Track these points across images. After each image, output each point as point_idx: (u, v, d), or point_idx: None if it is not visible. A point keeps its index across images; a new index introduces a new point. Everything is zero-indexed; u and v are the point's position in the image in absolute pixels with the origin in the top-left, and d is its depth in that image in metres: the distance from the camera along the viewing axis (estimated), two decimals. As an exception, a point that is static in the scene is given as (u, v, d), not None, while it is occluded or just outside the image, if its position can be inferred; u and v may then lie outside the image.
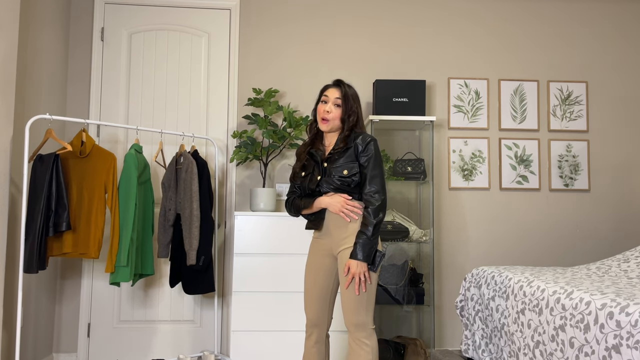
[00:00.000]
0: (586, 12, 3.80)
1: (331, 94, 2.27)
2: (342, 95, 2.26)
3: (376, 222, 2.13)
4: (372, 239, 2.12)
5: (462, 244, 3.60)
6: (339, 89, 2.28)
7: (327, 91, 2.30)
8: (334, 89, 2.29)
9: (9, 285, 2.61)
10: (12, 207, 2.61)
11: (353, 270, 2.10)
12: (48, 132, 2.71)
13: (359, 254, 2.10)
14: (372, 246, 2.13)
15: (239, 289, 3.00)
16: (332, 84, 2.32)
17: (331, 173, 2.21)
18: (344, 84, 2.29)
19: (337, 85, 2.30)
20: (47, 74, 3.14)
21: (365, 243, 2.11)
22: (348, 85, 2.30)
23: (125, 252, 2.74)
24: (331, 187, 2.21)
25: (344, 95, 2.26)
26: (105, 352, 3.36)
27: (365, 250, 2.11)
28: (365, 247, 2.11)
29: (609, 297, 1.74)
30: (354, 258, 2.10)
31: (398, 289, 3.25)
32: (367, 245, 2.11)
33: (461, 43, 3.72)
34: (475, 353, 2.67)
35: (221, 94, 3.57)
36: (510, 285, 2.34)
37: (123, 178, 2.83)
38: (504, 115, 3.68)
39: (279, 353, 2.98)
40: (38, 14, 2.98)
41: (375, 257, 2.14)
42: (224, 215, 3.51)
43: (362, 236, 2.12)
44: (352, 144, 2.22)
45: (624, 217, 3.69)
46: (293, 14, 3.65)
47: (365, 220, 2.15)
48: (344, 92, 2.26)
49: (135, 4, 3.55)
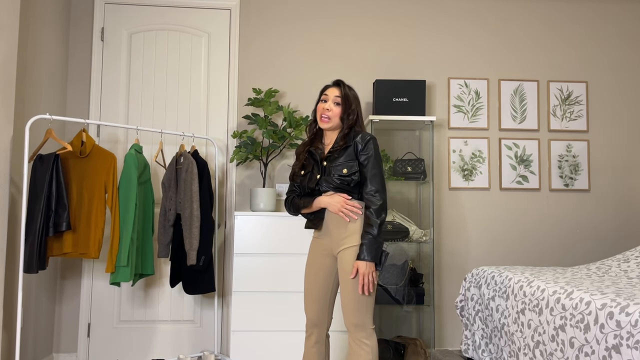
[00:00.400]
0: (586, 12, 3.80)
1: (331, 93, 2.28)
2: (341, 94, 2.27)
3: (380, 221, 2.14)
4: (378, 239, 2.13)
5: (462, 244, 3.60)
6: (338, 88, 2.29)
7: (327, 90, 2.31)
8: (334, 88, 2.30)
9: (9, 285, 2.61)
10: (12, 207, 2.61)
11: (362, 271, 2.10)
12: (48, 132, 2.70)
13: (366, 255, 2.10)
14: (378, 246, 2.13)
15: (239, 289, 3.00)
16: (332, 84, 2.33)
17: (330, 172, 2.21)
18: (344, 84, 2.31)
19: (337, 84, 2.31)
20: (47, 74, 3.14)
21: (371, 243, 2.11)
22: (349, 87, 2.31)
23: (126, 252, 2.74)
24: (331, 186, 2.21)
25: (344, 94, 2.27)
26: (105, 352, 3.36)
27: (372, 250, 2.11)
28: (371, 247, 2.11)
29: (609, 297, 1.74)
30: (362, 259, 2.10)
31: (398, 289, 3.25)
32: (374, 245, 2.12)
33: (461, 43, 3.72)
34: (475, 353, 2.67)
35: (221, 94, 3.57)
36: (510, 285, 2.34)
37: (123, 178, 2.83)
38: (504, 115, 3.68)
39: (279, 353, 2.98)
40: (38, 14, 2.98)
41: (382, 257, 2.15)
42: (224, 215, 3.51)
43: (368, 236, 2.12)
44: (352, 142, 2.22)
45: (624, 217, 3.69)
46: (293, 14, 3.65)
47: (369, 220, 2.15)
48: (344, 91, 2.28)
49: (135, 4, 3.55)
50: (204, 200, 3.06)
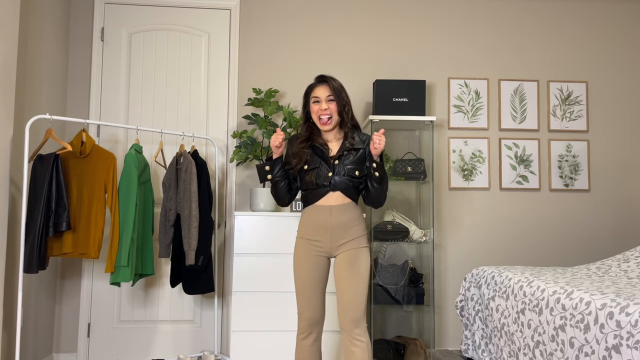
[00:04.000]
0: (586, 12, 3.80)
1: (322, 93, 2.26)
2: (332, 90, 2.25)
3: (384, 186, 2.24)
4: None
5: (462, 244, 3.60)
6: (327, 86, 2.26)
7: (315, 91, 2.28)
8: (322, 87, 2.27)
9: (9, 285, 2.61)
10: (12, 207, 2.62)
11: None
12: (48, 132, 2.70)
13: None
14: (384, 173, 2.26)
15: (238, 289, 3.00)
16: (317, 82, 2.29)
17: (341, 171, 2.22)
18: (328, 79, 2.28)
19: (323, 82, 2.28)
20: (47, 74, 3.14)
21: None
22: (332, 78, 2.28)
23: (126, 252, 2.74)
24: (341, 185, 2.22)
25: (334, 88, 2.25)
26: (105, 352, 3.36)
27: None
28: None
29: (609, 297, 1.74)
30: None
31: (398, 289, 3.25)
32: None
33: (461, 43, 3.72)
34: (475, 353, 2.67)
35: (221, 94, 3.57)
36: (510, 285, 2.34)
37: (123, 178, 2.83)
38: (504, 115, 3.68)
39: (279, 353, 2.98)
40: (38, 14, 2.98)
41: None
42: (224, 215, 3.51)
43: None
44: (361, 147, 2.25)
45: (624, 217, 3.69)
46: (293, 13, 3.65)
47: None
48: (332, 85, 2.26)
49: (135, 4, 3.55)
50: (203, 200, 3.06)
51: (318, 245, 2.25)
